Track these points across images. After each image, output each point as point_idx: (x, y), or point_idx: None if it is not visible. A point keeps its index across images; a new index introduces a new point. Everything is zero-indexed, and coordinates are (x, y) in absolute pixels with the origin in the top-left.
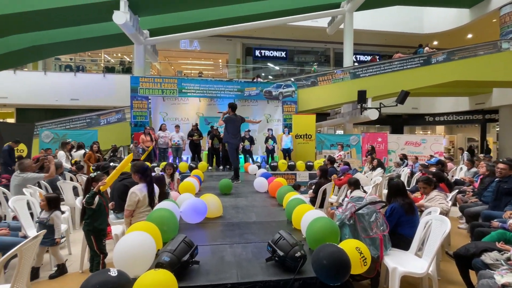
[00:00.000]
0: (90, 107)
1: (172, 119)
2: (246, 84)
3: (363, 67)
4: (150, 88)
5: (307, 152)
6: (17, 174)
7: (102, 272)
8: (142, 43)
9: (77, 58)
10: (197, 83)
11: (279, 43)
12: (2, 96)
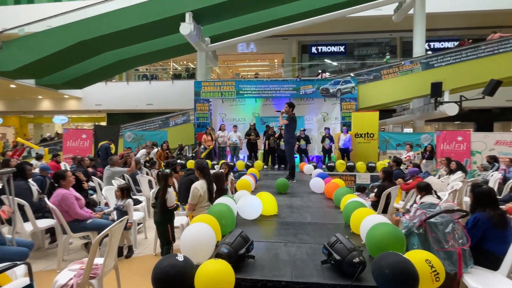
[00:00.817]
0: (161, 110)
1: (230, 119)
2: (301, 82)
3: (438, 56)
4: (211, 91)
5: (368, 152)
6: (107, 168)
7: (171, 256)
8: (204, 50)
9: (151, 68)
10: (253, 84)
11: (337, 37)
12: (97, 104)
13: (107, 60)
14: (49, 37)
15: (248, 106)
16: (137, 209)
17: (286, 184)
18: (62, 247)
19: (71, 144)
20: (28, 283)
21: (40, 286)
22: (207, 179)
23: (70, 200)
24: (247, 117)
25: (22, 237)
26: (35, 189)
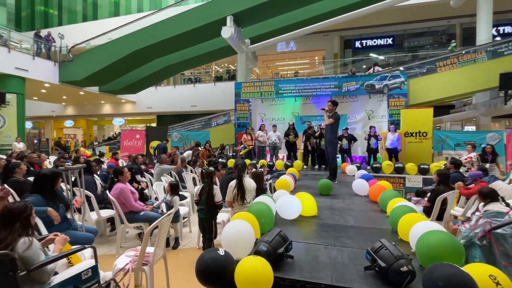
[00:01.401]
0: (204, 111)
1: (270, 119)
2: (344, 79)
3: (509, 42)
4: (251, 91)
5: (421, 152)
6: (157, 165)
7: (212, 250)
8: (244, 51)
9: (195, 72)
10: (293, 83)
11: (384, 29)
12: (149, 107)
13: (157, 66)
14: (109, 48)
15: (288, 105)
16: (182, 204)
17: (329, 186)
18: (120, 235)
19: (127, 143)
20: (93, 264)
21: (102, 268)
22: (238, 177)
23: (126, 193)
24: (286, 116)
25: (89, 225)
26: (99, 183)
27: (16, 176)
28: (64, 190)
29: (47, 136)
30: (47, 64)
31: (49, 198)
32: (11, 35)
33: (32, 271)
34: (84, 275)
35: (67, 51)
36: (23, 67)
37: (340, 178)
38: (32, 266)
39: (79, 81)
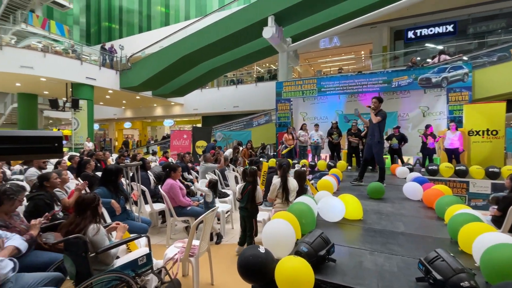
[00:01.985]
0: (246, 112)
1: (312, 118)
2: (394, 73)
3: None
4: (292, 91)
5: (490, 154)
6: (202, 164)
7: (253, 247)
8: (285, 50)
9: (237, 73)
10: (336, 80)
11: (443, 15)
12: (195, 108)
13: (202, 70)
14: (161, 56)
15: (331, 103)
16: (225, 202)
17: (381, 189)
18: (170, 227)
19: (176, 143)
20: (148, 252)
21: (154, 256)
22: (282, 176)
23: (176, 189)
24: (329, 115)
25: (144, 216)
26: (152, 178)
27: (87, 171)
28: (124, 184)
29: (110, 136)
30: (110, 73)
31: (112, 191)
32: (83, 50)
33: (99, 253)
34: (140, 261)
35: (126, 61)
36: (92, 77)
37: (389, 180)
38: (99, 249)
39: (135, 87)
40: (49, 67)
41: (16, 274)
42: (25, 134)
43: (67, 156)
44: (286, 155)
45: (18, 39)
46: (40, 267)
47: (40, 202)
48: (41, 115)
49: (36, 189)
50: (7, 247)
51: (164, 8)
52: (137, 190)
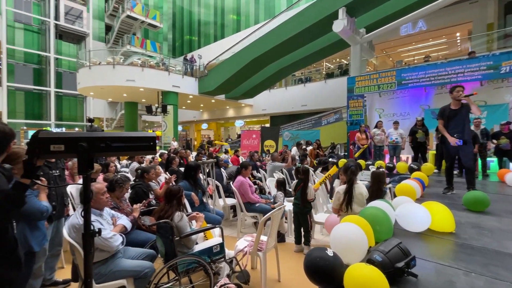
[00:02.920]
0: (314, 110)
1: (389, 115)
2: (504, 56)
3: None
4: (366, 85)
5: None
6: (270, 162)
7: (321, 249)
8: (358, 42)
9: (305, 71)
10: (422, 70)
11: None
12: (263, 108)
13: (271, 70)
14: (232, 61)
15: (414, 97)
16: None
17: (484, 200)
18: (240, 221)
19: (246, 142)
20: (221, 241)
21: (226, 246)
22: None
23: (246, 186)
24: (412, 110)
25: (218, 209)
26: (224, 175)
27: (173, 166)
28: (201, 179)
29: (190, 136)
30: (191, 80)
31: (192, 184)
32: (170, 62)
33: (182, 237)
34: (215, 249)
35: (204, 68)
36: (177, 84)
37: (496, 189)
38: (183, 234)
39: (211, 91)
40: (145, 79)
41: (124, 247)
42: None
43: (158, 153)
44: (359, 157)
45: (124, 58)
46: (139, 244)
47: (139, 190)
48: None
49: (137, 179)
50: (118, 225)
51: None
52: (212, 185)
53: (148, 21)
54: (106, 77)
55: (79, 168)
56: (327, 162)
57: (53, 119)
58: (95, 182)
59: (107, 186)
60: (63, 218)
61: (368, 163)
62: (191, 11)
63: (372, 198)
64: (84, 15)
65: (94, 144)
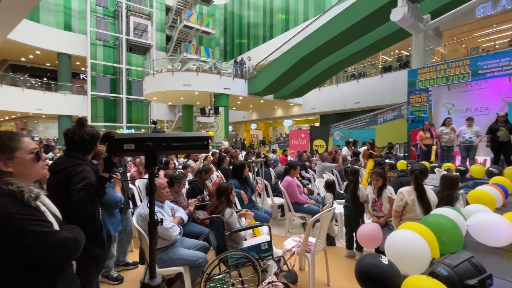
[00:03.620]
0: (369, 108)
1: (461, 110)
2: None
3: None
4: (431, 78)
5: None
6: (319, 163)
7: (375, 256)
8: (421, 30)
9: (359, 67)
10: (505, 56)
11: None
12: (312, 107)
13: (320, 68)
14: (281, 60)
15: (495, 89)
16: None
17: None
18: (288, 221)
19: (294, 142)
20: (269, 240)
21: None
22: (415, 185)
23: (294, 186)
24: (491, 105)
25: (266, 207)
26: (273, 174)
27: (223, 165)
28: (250, 178)
29: (240, 136)
30: (241, 82)
31: (241, 182)
32: (222, 65)
33: (232, 233)
34: (263, 246)
35: (253, 69)
36: (227, 87)
37: None
38: (232, 230)
39: (260, 92)
40: (200, 83)
41: (181, 237)
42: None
43: (210, 153)
44: (423, 158)
45: (182, 65)
46: (194, 235)
47: (195, 186)
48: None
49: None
50: (176, 216)
51: (284, 15)
52: (261, 184)
53: (202, 28)
54: (167, 83)
55: (145, 164)
56: (383, 164)
57: (124, 122)
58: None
59: (167, 181)
60: (129, 209)
61: (433, 165)
62: (241, 15)
63: (440, 205)
64: (148, 28)
65: (158, 144)
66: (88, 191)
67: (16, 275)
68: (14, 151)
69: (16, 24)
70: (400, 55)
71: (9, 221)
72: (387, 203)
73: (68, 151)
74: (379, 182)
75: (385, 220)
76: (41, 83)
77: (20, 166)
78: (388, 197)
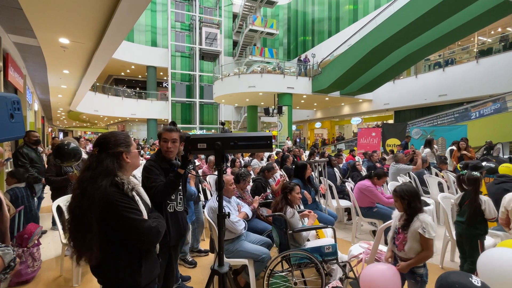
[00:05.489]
0: (459, 100)
1: None
2: None
3: None
4: None
5: None
6: (393, 164)
7: (464, 274)
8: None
9: (446, 53)
10: None
11: None
12: (385, 103)
13: (394, 59)
14: (348, 54)
15: None
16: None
17: None
18: (355, 226)
19: (363, 141)
20: (333, 243)
21: (339, 249)
22: None
23: (376, 192)
24: None
25: (330, 210)
26: (338, 175)
27: (287, 164)
28: (314, 178)
29: (304, 135)
30: (304, 80)
31: (304, 182)
32: (285, 65)
33: (294, 232)
34: (326, 249)
35: (317, 66)
36: (291, 86)
37: None
38: (295, 229)
39: (325, 89)
40: (264, 84)
41: (246, 232)
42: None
43: (275, 152)
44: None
45: (247, 68)
46: (258, 231)
47: (259, 184)
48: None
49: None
50: (242, 212)
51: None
52: (324, 184)
53: (267, 30)
54: (233, 86)
55: (216, 162)
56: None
57: (197, 123)
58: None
59: (233, 178)
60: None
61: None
62: (305, 12)
63: None
64: (218, 36)
65: (226, 143)
66: (165, 183)
67: (115, 253)
68: (130, 146)
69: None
70: (503, 34)
71: (112, 206)
72: (415, 243)
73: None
74: (401, 204)
75: (408, 267)
76: (135, 93)
77: (133, 158)
78: (418, 233)
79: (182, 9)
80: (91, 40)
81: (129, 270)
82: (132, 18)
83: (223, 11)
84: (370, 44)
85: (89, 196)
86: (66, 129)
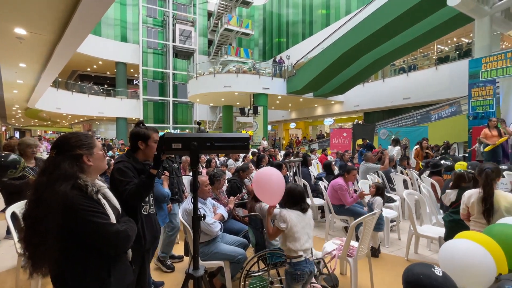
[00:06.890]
0: (420, 103)
1: None
2: None
3: None
4: (500, 67)
5: None
6: (363, 163)
7: (426, 266)
8: (486, 14)
9: (409, 59)
10: None
11: None
12: (355, 105)
13: (364, 63)
14: (321, 57)
15: None
16: (390, 208)
17: None
18: (328, 223)
19: (336, 141)
20: None
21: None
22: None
23: (344, 191)
24: None
25: None
26: (312, 175)
27: (262, 164)
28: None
29: (279, 136)
30: (279, 81)
31: None
32: (261, 66)
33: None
34: None
35: (292, 68)
36: (266, 86)
37: None
38: None
39: (299, 90)
40: (239, 84)
41: (222, 233)
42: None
43: (250, 152)
44: (487, 156)
45: (222, 67)
46: (233, 232)
47: (234, 185)
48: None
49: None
50: (217, 213)
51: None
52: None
53: (242, 30)
54: (209, 85)
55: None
56: (439, 165)
57: (171, 123)
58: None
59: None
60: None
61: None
62: (280, 14)
63: None
64: (192, 34)
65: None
66: (137, 185)
67: (81, 260)
68: (93, 148)
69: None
70: (458, 43)
71: (74, 211)
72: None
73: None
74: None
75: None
76: (103, 90)
77: (97, 161)
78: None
79: (154, 4)
80: (53, 31)
81: (96, 279)
82: (100, 10)
83: (198, 8)
84: (342, 48)
85: (46, 203)
86: (24, 128)
